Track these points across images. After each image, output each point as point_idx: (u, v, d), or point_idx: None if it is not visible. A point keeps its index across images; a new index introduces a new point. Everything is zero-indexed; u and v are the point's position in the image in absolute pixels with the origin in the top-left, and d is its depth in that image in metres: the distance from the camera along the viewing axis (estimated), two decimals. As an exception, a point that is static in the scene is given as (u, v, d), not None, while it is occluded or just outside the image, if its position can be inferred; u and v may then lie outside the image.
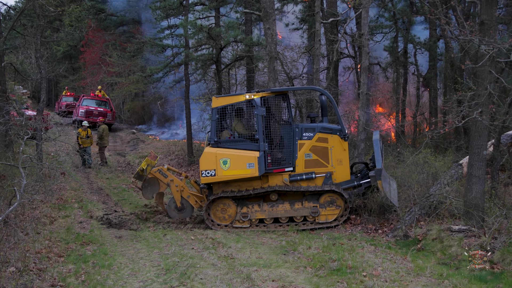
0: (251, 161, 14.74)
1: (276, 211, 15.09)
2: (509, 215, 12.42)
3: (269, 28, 19.21)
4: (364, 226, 14.60)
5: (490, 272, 10.24)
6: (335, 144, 15.17)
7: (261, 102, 15.00)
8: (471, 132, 12.49)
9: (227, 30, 24.76)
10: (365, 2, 20.61)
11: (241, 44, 27.41)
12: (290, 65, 29.10)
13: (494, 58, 11.87)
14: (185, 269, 10.70)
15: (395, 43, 29.81)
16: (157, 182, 16.73)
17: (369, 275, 10.26)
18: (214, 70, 29.74)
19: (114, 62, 40.48)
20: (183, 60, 27.38)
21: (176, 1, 27.65)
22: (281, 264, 11.15)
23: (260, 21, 29.52)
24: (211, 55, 27.55)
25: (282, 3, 31.26)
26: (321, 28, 26.32)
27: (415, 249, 12.17)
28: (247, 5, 27.78)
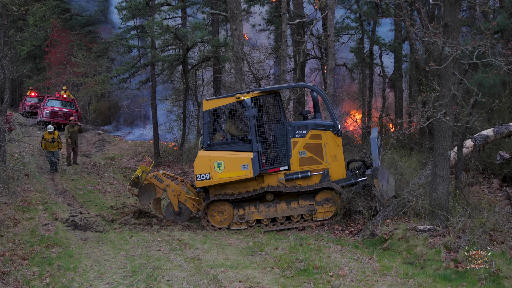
0: (245, 163, 14.70)
1: (273, 211, 15.02)
2: (473, 215, 12.60)
3: (235, 29, 19.20)
4: (331, 226, 14.65)
5: (454, 271, 10.34)
6: (329, 140, 15.08)
7: (252, 102, 14.95)
8: (436, 133, 12.61)
9: (193, 31, 24.69)
10: (331, 3, 20.74)
11: (208, 45, 27.40)
12: (257, 66, 29.14)
13: (457, 60, 12.01)
14: (152, 271, 10.63)
15: (361, 44, 30.08)
16: (154, 188, 16.62)
17: (335, 275, 10.29)
18: (180, 71, 29.66)
19: (80, 63, 40.11)
20: (149, 60, 27.28)
21: (142, 2, 27.53)
22: (248, 265, 11.13)
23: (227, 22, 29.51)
24: (178, 56, 27.48)
25: (249, 4, 31.33)
26: (288, 29, 26.41)
27: (381, 248, 12.23)
28: (214, 6, 27.75)
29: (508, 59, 12.32)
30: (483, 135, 15.82)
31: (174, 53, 28.67)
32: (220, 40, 26.08)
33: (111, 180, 23.92)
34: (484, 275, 9.80)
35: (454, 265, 10.53)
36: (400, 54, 28.53)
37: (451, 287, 9.68)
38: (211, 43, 26.12)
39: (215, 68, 28.36)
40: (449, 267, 10.53)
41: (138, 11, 28.34)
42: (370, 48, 30.10)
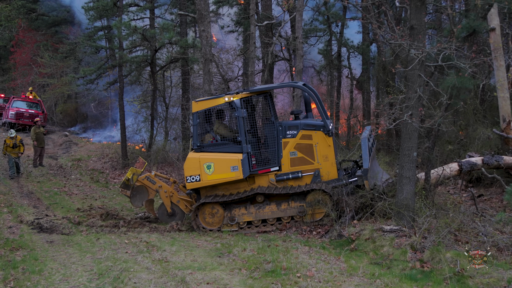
0: (234, 164, 14.62)
1: (263, 213, 14.93)
2: (439, 215, 12.76)
3: (204, 30, 19.17)
4: (299, 227, 14.69)
5: (420, 271, 10.45)
6: (320, 140, 14.96)
7: (241, 103, 14.88)
8: (402, 134, 12.73)
9: (161, 32, 24.61)
10: (299, 5, 20.82)
11: (176, 46, 27.34)
12: (225, 67, 29.16)
13: (423, 62, 12.14)
14: (119, 273, 10.55)
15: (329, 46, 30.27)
16: (146, 190, 16.48)
17: (303, 276, 10.33)
18: (148, 72, 29.53)
19: (46, 63, 39.67)
20: (117, 61, 27.09)
21: (110, 2, 27.31)
22: (216, 266, 11.12)
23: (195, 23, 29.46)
24: (146, 57, 27.36)
25: (218, 5, 31.30)
26: (256, 31, 26.44)
27: (348, 249, 12.30)
28: (182, 7, 27.70)
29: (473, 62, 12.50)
30: (471, 162, 15.85)
31: (142, 54, 28.53)
32: (189, 42, 26.01)
33: (78, 182, 23.70)
34: (449, 274, 9.92)
35: (420, 265, 10.65)
36: (367, 56, 28.77)
37: (417, 286, 9.77)
38: (179, 44, 26.05)
39: (184, 70, 28.31)
40: (415, 267, 10.64)
41: (106, 12, 28.10)
42: (338, 50, 30.31)
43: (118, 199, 20.45)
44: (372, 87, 29.97)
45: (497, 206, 15.54)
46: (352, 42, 30.32)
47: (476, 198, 15.10)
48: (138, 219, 16.56)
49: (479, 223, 12.62)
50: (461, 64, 12.23)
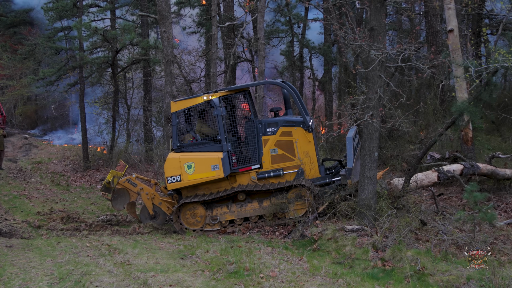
0: (215, 163, 14.51)
1: (245, 211, 14.86)
2: (399, 214, 12.90)
3: (165, 31, 19.08)
4: (262, 228, 14.71)
5: (381, 270, 10.56)
6: (300, 136, 14.88)
7: (220, 102, 14.78)
8: (363, 135, 12.84)
9: (123, 33, 24.43)
10: (260, 7, 20.86)
11: (138, 47, 27.20)
12: (187, 68, 29.05)
13: (383, 63, 12.27)
14: (80, 277, 10.43)
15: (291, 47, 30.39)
16: (127, 192, 16.27)
17: (266, 276, 10.35)
18: (110, 73, 29.27)
19: (4, 65, 38.98)
20: (77, 63, 26.77)
21: (69, 3, 26.99)
22: (179, 268, 11.06)
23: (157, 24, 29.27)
24: (107, 58, 27.14)
25: (179, 6, 31.16)
26: (218, 32, 26.41)
27: (311, 249, 12.36)
28: (143, 8, 27.55)
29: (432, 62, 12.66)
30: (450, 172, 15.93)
31: (103, 55, 28.30)
32: (150, 43, 25.88)
33: (38, 185, 23.38)
34: (410, 272, 10.04)
35: (382, 264, 10.76)
36: (329, 57, 28.97)
37: (378, 285, 9.86)
38: (140, 46, 25.91)
39: (145, 71, 28.17)
40: (376, 266, 10.75)
41: (65, 12, 27.71)
42: (300, 51, 30.46)
43: (80, 202, 20.23)
44: (334, 88, 30.17)
45: (456, 204, 15.78)
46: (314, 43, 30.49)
47: (437, 197, 15.31)
48: (100, 222, 16.38)
49: (439, 222, 12.80)
50: (420, 65, 12.39)
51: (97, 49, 28.72)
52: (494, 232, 12.90)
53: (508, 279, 9.18)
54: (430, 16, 21.79)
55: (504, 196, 16.14)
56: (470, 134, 17.92)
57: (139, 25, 29.26)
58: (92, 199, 20.61)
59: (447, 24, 17.66)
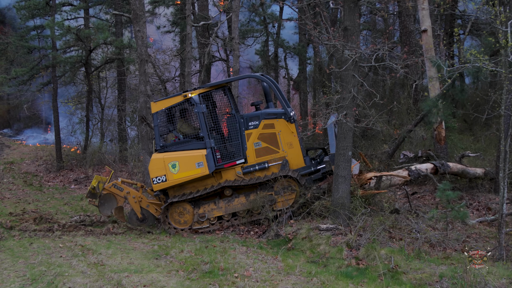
0: (199, 160, 14.50)
1: (233, 206, 14.81)
2: (373, 213, 12.98)
3: (139, 31, 18.97)
4: (236, 227, 14.71)
5: (355, 268, 10.63)
6: (282, 128, 14.85)
7: (200, 99, 14.74)
8: (338, 134, 12.89)
9: (96, 32, 24.25)
10: (235, 6, 20.85)
11: (112, 47, 27.02)
12: (162, 68, 28.93)
13: (357, 63, 12.34)
14: (53, 278, 10.34)
15: (265, 47, 30.43)
16: (114, 197, 16.12)
17: (240, 276, 10.36)
18: (83, 73, 29.04)
19: (-25, 64, 38.53)
20: (50, 62, 26.52)
21: (42, 1, 26.73)
22: (153, 268, 11.03)
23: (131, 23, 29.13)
24: (80, 57, 26.92)
25: (153, 5, 31.04)
26: (193, 32, 26.36)
27: (285, 248, 12.40)
28: (117, 7, 27.39)
29: (405, 62, 12.76)
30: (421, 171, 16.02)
31: (76, 55, 28.06)
32: (124, 42, 25.74)
33: (11, 186, 23.14)
34: (384, 271, 10.11)
35: (356, 262, 10.83)
36: (304, 57, 29.04)
37: (352, 283, 9.92)
38: (114, 45, 25.76)
39: (119, 70, 28.00)
40: (350, 264, 10.82)
41: (38, 11, 27.44)
42: (275, 51, 30.52)
43: (53, 202, 20.06)
44: (309, 87, 30.27)
45: (430, 203, 15.92)
46: (289, 42, 30.57)
47: (410, 196, 15.44)
48: (73, 223, 16.24)
49: (413, 220, 12.91)
50: (394, 65, 12.48)
51: (70, 48, 28.49)
52: (467, 230, 13.05)
53: (479, 276, 9.28)
54: (404, 16, 21.95)
55: (476, 195, 16.32)
56: (443, 133, 18.10)
57: (113, 24, 29.09)
58: (65, 200, 20.45)
59: (421, 24, 17.80)
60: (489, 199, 16.09)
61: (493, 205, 15.43)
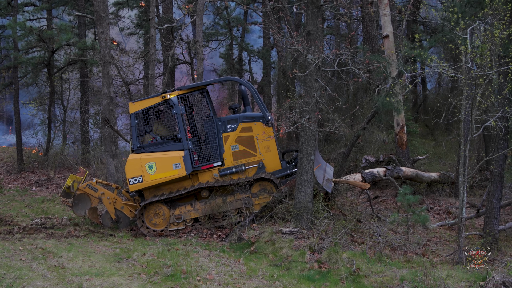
0: (176, 161, 14.47)
1: (209, 208, 14.79)
2: (336, 217, 13.10)
3: (102, 32, 18.85)
4: (199, 231, 14.69)
5: (318, 271, 10.71)
6: (260, 131, 14.92)
7: (178, 100, 14.69)
8: (300, 138, 12.98)
9: (59, 33, 24.01)
10: (199, 9, 20.84)
11: (75, 48, 26.75)
12: (126, 70, 28.73)
13: (320, 67, 12.44)
14: (12, 282, 10.20)
15: (230, 50, 30.45)
16: (88, 198, 15.95)
17: (203, 279, 10.35)
18: (46, 74, 28.69)
19: None
20: (11, 62, 26.16)
21: (4, 1, 26.37)
22: (115, 272, 10.95)
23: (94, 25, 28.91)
24: (43, 58, 26.61)
25: (117, 7, 30.83)
26: (157, 34, 26.27)
27: (248, 251, 12.43)
28: (80, 8, 27.15)
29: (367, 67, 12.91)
30: (373, 173, 16.25)
31: (38, 55, 27.72)
32: (87, 43, 25.54)
33: (-30, 188, 22.76)
34: (345, 274, 10.21)
35: (318, 266, 10.90)
36: (268, 60, 29.13)
37: (314, 287, 10.00)
38: (77, 46, 25.53)
39: (82, 72, 27.74)
40: (313, 267, 10.89)
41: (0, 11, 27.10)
42: (239, 54, 30.55)
43: (13, 204, 19.77)
44: (273, 91, 30.36)
45: (391, 207, 16.14)
46: (253, 46, 30.64)
47: (372, 200, 15.61)
48: (34, 225, 16.04)
49: (375, 224, 13.06)
50: (356, 70, 12.61)
51: (32, 49, 28.12)
52: (427, 234, 13.26)
53: (439, 279, 9.43)
54: (367, 21, 22.20)
55: (437, 199, 16.59)
56: (405, 138, 18.35)
57: (76, 25, 28.80)
58: (26, 202, 20.17)
59: (383, 30, 18.04)
60: (449, 203, 16.37)
61: (453, 209, 15.71)
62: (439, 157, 21.06)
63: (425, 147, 21.95)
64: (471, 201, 15.99)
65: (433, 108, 24.25)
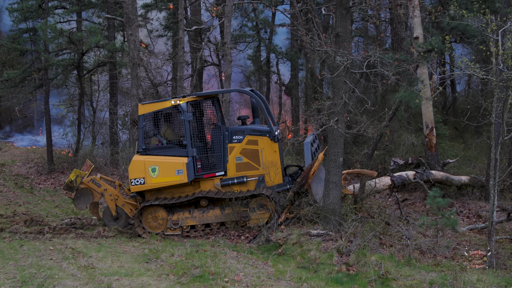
0: (179, 168, 14.51)
1: (207, 217, 14.81)
2: (364, 219, 13.02)
3: (131, 34, 19.00)
4: (227, 232, 14.71)
5: (346, 274, 10.65)
6: (265, 146, 14.92)
7: (187, 107, 14.77)
8: (328, 140, 12.93)
9: (88, 35, 24.24)
10: (227, 11, 20.90)
11: (104, 50, 26.97)
12: (154, 72, 28.93)
13: (348, 69, 12.39)
14: (43, 281, 10.32)
15: (258, 52, 30.50)
16: (90, 192, 16.13)
17: (231, 280, 10.36)
18: (75, 76, 29.00)
19: (-32, 66, 38.38)
20: (42, 64, 26.48)
21: (35, 4, 26.72)
22: (143, 272, 11.02)
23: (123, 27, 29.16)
24: (73, 60, 26.88)
25: (146, 9, 31.07)
26: (185, 36, 26.39)
27: (276, 253, 12.42)
28: (110, 11, 27.39)
29: (396, 69, 12.82)
30: (403, 177, 16.15)
31: (68, 57, 28.00)
32: (116, 45, 25.76)
33: (1, 188, 23.06)
34: (374, 277, 10.15)
35: (346, 268, 10.85)
36: (296, 62, 29.12)
37: (342, 289, 9.97)
38: (106, 48, 25.74)
39: (111, 74, 27.99)
40: (341, 270, 10.83)
41: (31, 14, 27.46)
42: (267, 56, 30.59)
43: (43, 205, 20.01)
44: (301, 93, 30.34)
45: (420, 210, 16.00)
46: (281, 48, 30.65)
47: (401, 203, 15.51)
48: (64, 225, 16.23)
49: (403, 227, 12.96)
50: (385, 72, 12.53)
51: (62, 51, 28.41)
52: (457, 237, 13.11)
53: (469, 284, 9.34)
54: (395, 23, 22.07)
55: (467, 202, 16.41)
56: (434, 140, 18.19)
57: (105, 27, 29.08)
58: (56, 202, 20.40)
59: (413, 32, 17.90)
60: (479, 207, 16.19)
61: (484, 212, 15.53)
62: (469, 160, 20.84)
63: (455, 150, 21.73)
64: (501, 204, 15.79)
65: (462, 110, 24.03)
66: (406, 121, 21.23)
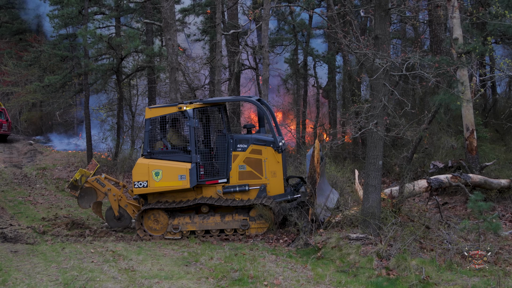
0: (182, 173, 14.62)
1: (207, 224, 14.92)
2: (404, 223, 12.90)
3: (170, 39, 19.15)
4: (265, 236, 14.71)
5: (386, 278, 10.57)
6: (269, 156, 15.01)
7: (194, 113, 14.89)
8: (367, 143, 12.86)
9: (127, 40, 24.50)
10: (265, 15, 20.93)
11: (142, 55, 27.25)
12: (192, 76, 29.10)
13: (388, 72, 12.30)
14: (84, 283, 10.47)
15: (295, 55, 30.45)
16: (94, 192, 16.46)
17: (270, 284, 10.37)
18: (114, 80, 29.33)
19: (10, 71, 39.05)
20: (82, 70, 26.85)
21: (75, 10, 27.11)
22: (183, 275, 11.09)
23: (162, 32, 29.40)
24: (112, 65, 27.19)
25: (184, 14, 31.29)
26: (223, 40, 26.50)
27: (315, 257, 12.37)
28: (148, 16, 27.65)
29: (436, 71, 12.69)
30: (439, 179, 16.01)
31: (108, 62, 28.36)
32: (155, 50, 25.97)
33: (43, 191, 23.41)
34: (415, 282, 10.05)
35: (386, 273, 10.76)
36: (333, 65, 28.98)
37: (382, 294, 9.89)
38: (145, 53, 25.99)
39: (150, 78, 28.24)
40: (381, 274, 10.76)
41: (71, 20, 27.90)
42: (304, 59, 30.49)
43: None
44: (338, 96, 30.20)
45: (461, 214, 15.79)
46: (318, 51, 30.55)
47: (441, 206, 15.32)
48: (105, 228, 16.42)
49: (444, 231, 12.80)
50: (425, 74, 12.41)
51: (102, 56, 28.80)
52: (499, 241, 12.88)
53: (513, 288, 9.19)
54: (434, 25, 21.85)
55: (509, 206, 16.14)
56: (475, 143, 17.92)
57: (144, 32, 29.37)
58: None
59: (452, 33, 17.69)
60: (522, 211, 15.92)
61: (526, 216, 15.27)
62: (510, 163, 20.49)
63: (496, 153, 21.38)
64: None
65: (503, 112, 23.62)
66: (446, 124, 20.96)
